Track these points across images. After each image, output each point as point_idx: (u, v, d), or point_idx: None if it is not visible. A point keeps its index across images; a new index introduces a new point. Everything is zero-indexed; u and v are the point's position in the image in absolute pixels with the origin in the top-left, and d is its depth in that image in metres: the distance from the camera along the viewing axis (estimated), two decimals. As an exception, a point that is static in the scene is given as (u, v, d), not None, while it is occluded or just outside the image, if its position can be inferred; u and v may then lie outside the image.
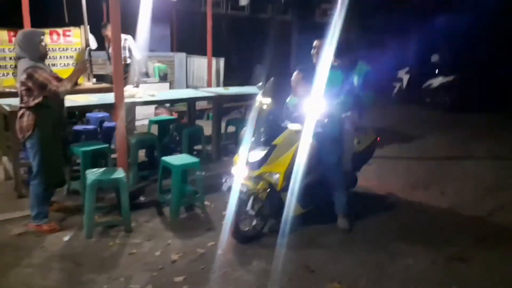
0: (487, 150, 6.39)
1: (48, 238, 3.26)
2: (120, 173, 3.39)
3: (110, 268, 2.89)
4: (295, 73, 3.43)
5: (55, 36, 6.46)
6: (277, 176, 3.17)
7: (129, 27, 7.06)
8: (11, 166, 4.00)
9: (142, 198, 4.10)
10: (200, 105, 7.11)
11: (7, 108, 3.81)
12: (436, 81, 9.68)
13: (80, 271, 2.85)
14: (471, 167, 5.56)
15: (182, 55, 8.88)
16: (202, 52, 7.10)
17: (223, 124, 5.72)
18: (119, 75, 3.66)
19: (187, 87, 8.76)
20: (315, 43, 3.56)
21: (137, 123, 6.94)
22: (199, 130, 5.08)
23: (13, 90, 5.37)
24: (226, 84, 8.57)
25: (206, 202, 3.97)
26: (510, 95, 10.50)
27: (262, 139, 3.20)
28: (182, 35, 10.04)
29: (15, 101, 3.88)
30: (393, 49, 11.88)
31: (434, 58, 10.01)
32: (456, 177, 5.15)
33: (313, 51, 3.57)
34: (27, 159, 4.46)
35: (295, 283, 2.82)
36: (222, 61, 8.72)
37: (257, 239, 3.32)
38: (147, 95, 4.65)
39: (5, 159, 4.37)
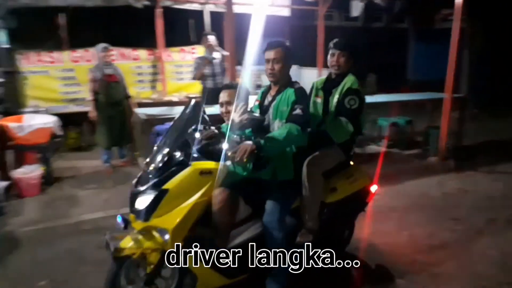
0: None
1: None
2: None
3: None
4: (223, 92, 2.52)
5: (182, 54, 7.33)
6: (166, 233, 2.11)
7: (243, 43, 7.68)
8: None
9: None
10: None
11: (144, 117, 4.39)
12: None
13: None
14: None
15: (294, 67, 9.23)
16: (313, 63, 7.34)
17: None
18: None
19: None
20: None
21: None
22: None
23: (148, 101, 6.32)
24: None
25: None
26: None
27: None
28: (295, 48, 10.41)
29: (150, 111, 4.59)
30: None
31: None
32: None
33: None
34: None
35: None
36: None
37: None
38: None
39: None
